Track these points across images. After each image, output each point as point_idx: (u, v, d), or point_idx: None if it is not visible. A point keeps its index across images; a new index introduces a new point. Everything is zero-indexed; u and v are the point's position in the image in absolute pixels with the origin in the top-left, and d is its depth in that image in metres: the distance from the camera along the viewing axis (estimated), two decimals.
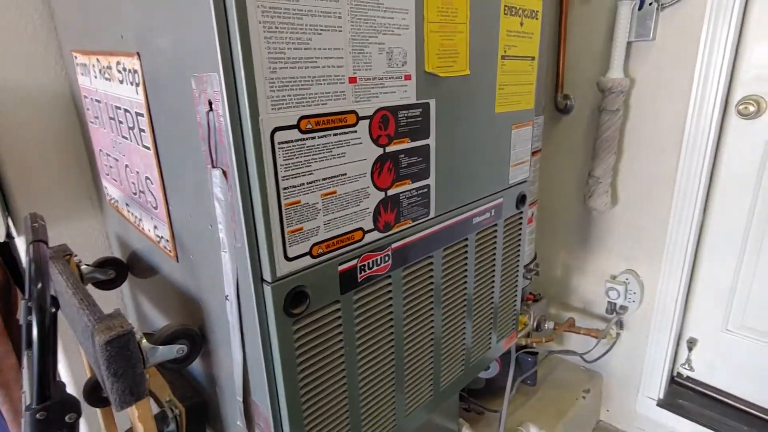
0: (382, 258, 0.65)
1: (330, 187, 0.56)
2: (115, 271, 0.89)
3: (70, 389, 1.03)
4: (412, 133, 0.64)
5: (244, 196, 0.50)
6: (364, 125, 0.57)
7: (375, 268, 0.64)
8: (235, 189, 0.49)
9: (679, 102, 1.20)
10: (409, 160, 0.65)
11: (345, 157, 0.56)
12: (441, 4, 0.62)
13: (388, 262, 0.66)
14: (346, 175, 0.57)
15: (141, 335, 0.59)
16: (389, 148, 0.62)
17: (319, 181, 0.54)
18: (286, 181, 0.51)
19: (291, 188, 0.52)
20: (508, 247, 0.92)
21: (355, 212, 0.60)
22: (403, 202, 0.66)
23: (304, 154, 0.52)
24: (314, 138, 0.52)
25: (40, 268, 0.62)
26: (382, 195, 0.63)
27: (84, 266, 0.83)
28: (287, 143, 0.50)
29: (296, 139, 0.51)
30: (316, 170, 0.54)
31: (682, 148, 1.22)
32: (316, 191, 0.54)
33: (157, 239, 0.73)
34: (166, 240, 0.70)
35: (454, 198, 0.75)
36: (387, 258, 0.66)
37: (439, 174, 0.71)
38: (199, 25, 0.45)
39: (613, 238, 1.42)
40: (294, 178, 0.52)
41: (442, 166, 0.71)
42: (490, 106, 0.77)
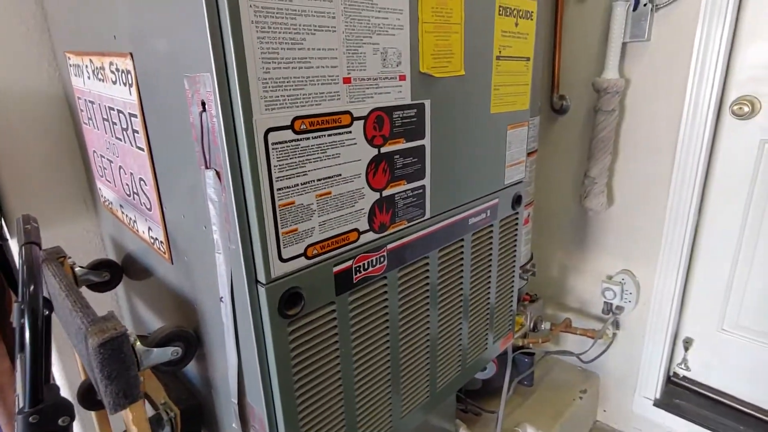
0: (377, 259, 0.65)
1: (325, 188, 0.56)
2: (110, 273, 0.89)
3: (64, 392, 1.03)
4: (407, 133, 0.64)
5: (237, 197, 0.49)
6: (359, 126, 0.57)
7: (370, 269, 0.64)
8: (229, 190, 0.49)
9: (674, 102, 1.20)
10: (404, 161, 0.65)
11: (339, 158, 0.56)
12: (435, 4, 0.62)
13: (384, 263, 0.66)
14: (340, 175, 0.57)
15: (135, 337, 0.59)
16: (384, 149, 0.61)
17: (314, 182, 0.54)
18: (281, 181, 0.51)
19: (285, 189, 0.51)
20: (504, 248, 0.92)
21: (350, 213, 0.60)
22: (399, 203, 0.66)
23: (299, 155, 0.52)
24: (308, 139, 0.52)
25: (33, 270, 0.61)
26: (377, 196, 0.63)
27: (78, 268, 0.83)
28: (281, 144, 0.50)
29: (290, 140, 0.50)
30: (310, 171, 0.53)
31: (677, 148, 1.22)
32: (311, 192, 0.54)
33: (152, 241, 0.73)
34: (161, 242, 0.69)
35: (449, 198, 0.75)
36: (382, 259, 0.66)
37: (434, 174, 0.70)
38: (192, 25, 0.45)
39: (609, 238, 1.43)
40: (288, 179, 0.51)
41: (437, 166, 0.71)
42: (485, 106, 0.77)
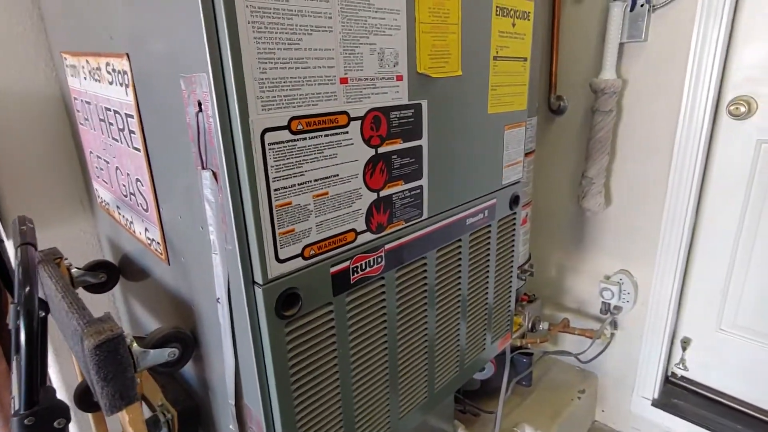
0: (375, 259, 0.65)
1: (322, 188, 0.55)
2: (107, 274, 0.88)
3: (61, 394, 1.02)
4: (405, 133, 0.64)
5: (234, 197, 0.49)
6: (356, 126, 0.57)
7: (368, 270, 0.64)
8: (226, 190, 0.49)
9: (671, 103, 1.21)
10: (402, 161, 0.65)
11: (337, 158, 0.56)
12: (432, 4, 0.62)
13: (381, 264, 0.66)
14: (338, 176, 0.57)
15: (131, 339, 0.59)
16: (381, 149, 0.61)
17: (311, 182, 0.54)
18: (277, 182, 0.51)
19: (282, 189, 0.51)
20: (502, 248, 0.92)
21: (348, 213, 0.60)
22: (396, 203, 0.66)
23: (295, 155, 0.52)
24: (305, 139, 0.52)
25: (28, 271, 0.61)
26: (375, 196, 0.63)
27: (74, 269, 0.82)
28: (278, 144, 0.50)
29: (287, 140, 0.50)
30: (307, 171, 0.53)
31: (674, 148, 1.22)
32: (308, 192, 0.54)
33: (148, 242, 0.72)
34: (157, 242, 0.69)
35: (447, 199, 0.75)
36: (380, 259, 0.66)
37: (431, 175, 0.70)
38: (188, 25, 0.45)
39: (607, 238, 1.43)
40: (285, 179, 0.51)
41: (434, 166, 0.71)
42: (482, 106, 0.77)
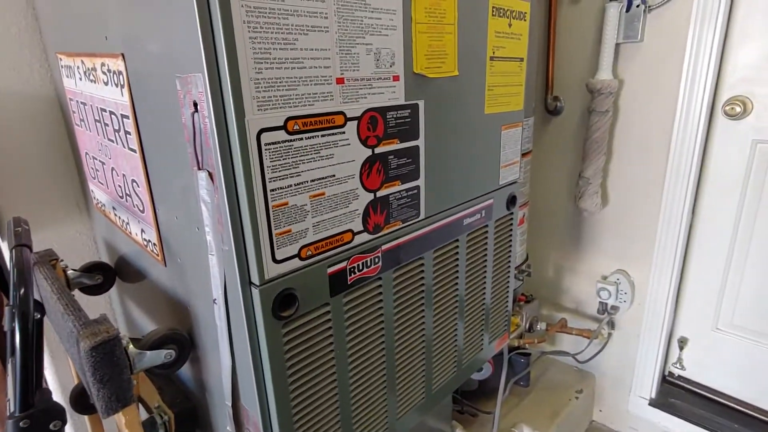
0: (372, 260, 0.65)
1: (318, 189, 0.55)
2: (103, 275, 0.88)
3: (57, 396, 1.02)
4: (401, 134, 0.64)
5: (230, 198, 0.49)
6: (352, 126, 0.57)
7: (365, 270, 0.64)
8: (222, 191, 0.49)
9: (667, 103, 1.21)
10: (399, 161, 0.65)
11: (333, 159, 0.56)
12: (429, 4, 0.62)
13: (378, 264, 0.66)
14: (334, 176, 0.57)
15: (128, 340, 0.59)
16: (378, 149, 0.61)
17: (307, 183, 0.54)
18: (274, 182, 0.51)
19: (278, 190, 0.51)
20: (499, 248, 0.92)
21: (344, 214, 0.59)
22: (393, 204, 0.66)
23: (292, 156, 0.51)
24: (302, 139, 0.52)
25: (23, 273, 0.61)
26: (372, 196, 0.62)
27: (71, 271, 0.82)
28: (274, 144, 0.49)
29: (283, 140, 0.50)
30: (303, 172, 0.53)
31: (670, 148, 1.23)
32: (305, 193, 0.54)
33: (145, 243, 0.72)
34: (154, 244, 0.69)
35: (444, 199, 0.75)
36: (377, 260, 0.66)
37: (428, 175, 0.70)
38: (183, 24, 0.45)
39: (604, 238, 1.43)
40: (281, 180, 0.51)
41: (431, 167, 0.71)
42: (479, 107, 0.77)
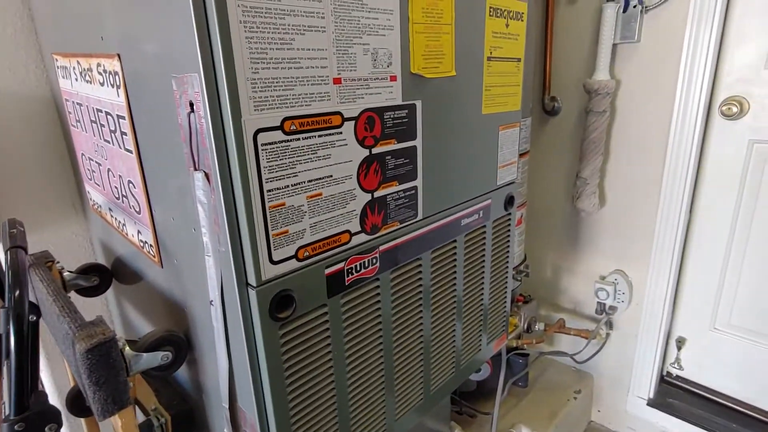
0: (369, 260, 0.65)
1: (315, 189, 0.55)
2: (99, 277, 0.87)
3: (53, 399, 1.01)
4: (399, 134, 0.64)
5: (227, 198, 0.49)
6: (350, 126, 0.57)
7: (363, 271, 0.64)
8: (218, 192, 0.48)
9: (665, 103, 1.21)
10: (396, 162, 0.65)
11: (330, 159, 0.56)
12: (426, 5, 0.62)
13: (376, 265, 0.66)
14: (331, 176, 0.57)
15: (124, 342, 0.58)
16: (375, 150, 0.61)
17: (304, 183, 0.54)
18: (270, 183, 0.50)
19: (275, 190, 0.51)
20: (497, 249, 0.92)
21: (342, 214, 0.59)
22: (391, 204, 0.66)
23: (289, 156, 0.51)
24: (298, 139, 0.52)
25: (18, 275, 0.60)
26: (369, 197, 0.62)
27: (67, 273, 0.82)
28: (271, 145, 0.49)
29: (280, 141, 0.50)
30: (300, 172, 0.53)
31: (667, 148, 1.23)
32: (302, 193, 0.54)
33: (141, 244, 0.72)
34: (150, 245, 0.69)
35: (441, 199, 0.75)
36: (375, 260, 0.65)
37: (426, 175, 0.70)
38: (179, 24, 0.44)
39: (602, 238, 1.43)
40: (278, 180, 0.51)
41: (429, 167, 0.70)
42: (476, 107, 0.77)
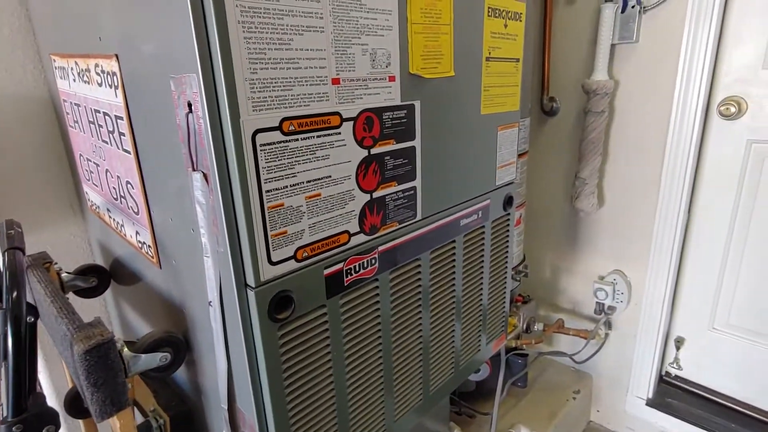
0: (368, 261, 0.64)
1: (314, 190, 0.55)
2: (98, 278, 0.87)
3: (51, 400, 1.01)
4: (397, 134, 0.64)
5: (225, 199, 0.49)
6: (348, 127, 0.57)
7: (361, 272, 0.64)
8: (217, 192, 0.48)
9: (663, 103, 1.21)
10: (395, 162, 0.65)
11: (329, 159, 0.56)
12: (424, 5, 0.62)
13: (375, 265, 0.66)
14: (330, 177, 0.56)
15: (122, 343, 0.58)
16: (374, 150, 0.61)
17: (303, 184, 0.54)
18: (269, 183, 0.50)
19: (274, 191, 0.51)
20: (496, 249, 0.92)
21: (341, 215, 0.59)
22: (389, 205, 0.66)
23: (287, 157, 0.51)
24: (297, 140, 0.52)
25: (16, 276, 0.60)
26: (368, 197, 0.62)
27: (65, 274, 0.81)
28: (269, 145, 0.49)
29: (278, 141, 0.50)
30: (299, 173, 0.53)
31: (666, 148, 1.23)
32: (300, 194, 0.54)
33: (139, 245, 0.72)
34: (148, 246, 0.68)
35: (440, 200, 0.75)
36: (374, 261, 0.65)
37: (425, 176, 0.70)
38: (177, 25, 0.44)
39: (601, 239, 1.43)
40: (277, 181, 0.51)
41: (428, 167, 0.70)
42: (475, 107, 0.77)
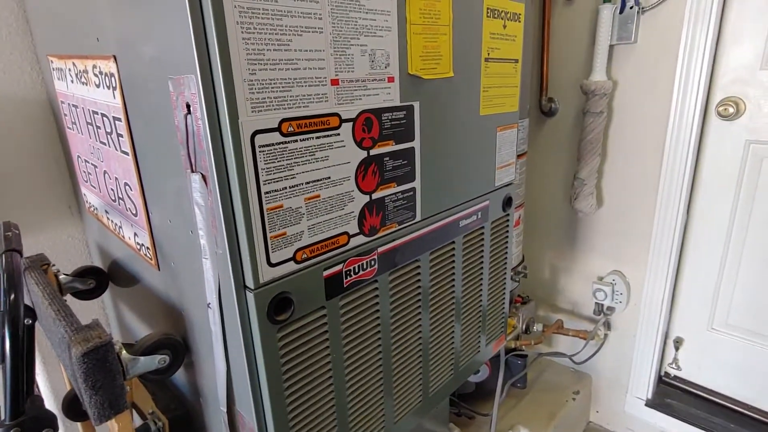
0: (368, 262, 0.64)
1: (313, 191, 0.55)
2: (96, 280, 0.87)
3: (49, 403, 1.01)
4: (397, 135, 0.64)
5: (224, 200, 0.48)
6: (347, 128, 0.57)
7: (361, 273, 0.64)
8: (215, 194, 0.48)
9: (661, 103, 1.22)
10: (394, 163, 0.64)
11: (328, 161, 0.55)
12: (423, 6, 0.62)
13: (374, 267, 0.65)
14: (329, 178, 0.56)
15: (120, 346, 0.58)
16: (373, 151, 0.61)
17: (302, 185, 0.53)
18: (268, 185, 0.50)
19: (273, 192, 0.51)
20: (495, 250, 0.92)
21: (340, 216, 0.59)
22: (389, 206, 0.66)
23: (286, 158, 0.51)
24: (296, 141, 0.51)
25: (13, 278, 0.60)
26: (367, 198, 0.62)
27: (62, 276, 0.81)
28: (268, 146, 0.49)
29: (277, 142, 0.50)
30: (298, 174, 0.53)
31: (664, 149, 1.23)
32: (299, 195, 0.53)
33: (138, 247, 0.71)
34: (147, 247, 0.68)
35: (440, 201, 0.75)
36: (373, 262, 0.65)
37: (424, 177, 0.70)
38: (176, 25, 0.44)
39: (600, 239, 1.43)
40: (276, 182, 0.51)
41: (427, 168, 0.70)
42: (474, 108, 0.77)
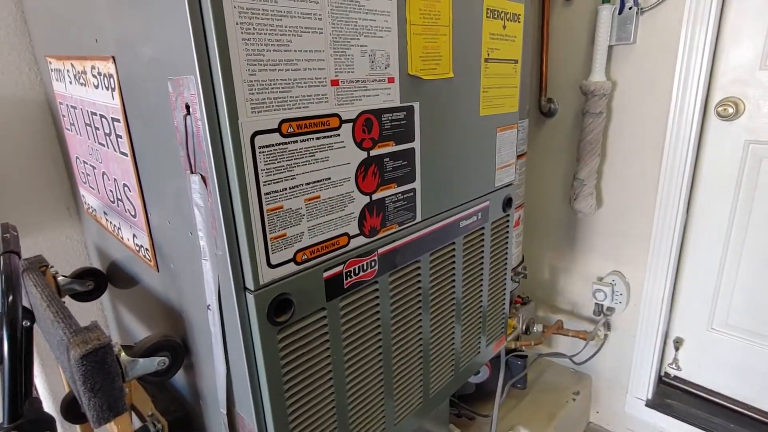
0: (368, 263, 0.64)
1: (313, 192, 0.55)
2: (94, 282, 0.87)
3: (48, 405, 1.00)
4: (397, 136, 0.64)
5: (224, 202, 0.48)
6: (347, 128, 0.56)
7: (361, 274, 0.63)
8: (215, 195, 0.48)
9: (661, 104, 1.22)
10: (394, 164, 0.64)
11: (328, 161, 0.55)
12: (423, 6, 0.62)
13: (375, 268, 0.65)
14: (329, 179, 0.56)
15: (119, 348, 0.58)
16: (373, 152, 0.61)
17: (302, 186, 0.53)
18: (268, 186, 0.50)
19: (273, 193, 0.50)
20: (495, 250, 0.92)
21: (340, 217, 0.59)
22: (389, 207, 0.65)
23: (286, 159, 0.51)
24: (296, 142, 0.51)
25: (12, 280, 0.59)
26: (367, 199, 0.62)
27: (61, 277, 0.81)
28: (268, 147, 0.49)
29: (277, 143, 0.49)
30: (298, 175, 0.52)
31: (664, 149, 1.23)
32: (299, 196, 0.53)
33: (137, 248, 0.71)
34: (146, 249, 0.68)
35: (440, 201, 0.75)
36: (373, 263, 0.65)
37: (424, 177, 0.70)
38: (175, 26, 0.44)
39: (599, 239, 1.43)
40: (276, 183, 0.50)
41: (427, 169, 0.70)
42: (474, 108, 0.77)
